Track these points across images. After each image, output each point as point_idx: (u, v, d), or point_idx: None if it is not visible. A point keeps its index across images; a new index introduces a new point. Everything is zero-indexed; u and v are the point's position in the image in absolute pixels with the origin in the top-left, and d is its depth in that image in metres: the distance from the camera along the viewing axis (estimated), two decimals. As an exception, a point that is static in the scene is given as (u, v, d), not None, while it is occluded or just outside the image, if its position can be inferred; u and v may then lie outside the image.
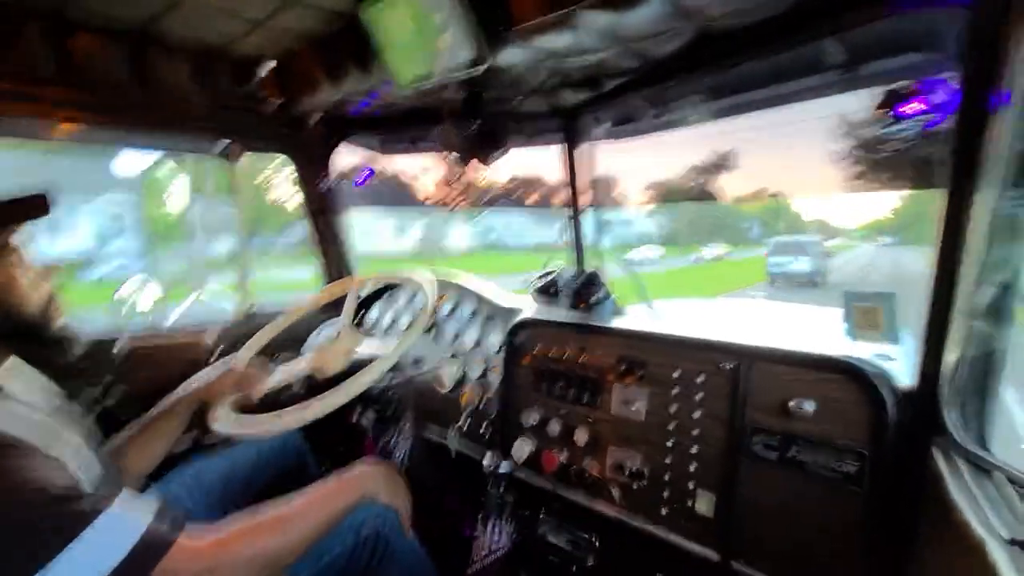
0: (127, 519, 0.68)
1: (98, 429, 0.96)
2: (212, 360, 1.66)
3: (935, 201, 0.76)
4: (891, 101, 0.89)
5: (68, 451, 0.76)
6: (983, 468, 0.72)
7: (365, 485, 0.96)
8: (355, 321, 1.40)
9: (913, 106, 0.87)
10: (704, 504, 1.01)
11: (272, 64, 1.48)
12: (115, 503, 0.69)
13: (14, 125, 1.35)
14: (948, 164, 0.74)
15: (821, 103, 1.15)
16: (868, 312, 0.97)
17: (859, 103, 1.03)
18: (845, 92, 1.07)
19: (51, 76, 1.29)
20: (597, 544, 1.24)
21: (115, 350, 1.49)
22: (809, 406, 0.89)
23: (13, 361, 0.83)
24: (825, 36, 0.95)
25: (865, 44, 0.95)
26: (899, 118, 0.89)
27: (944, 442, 0.77)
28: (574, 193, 1.59)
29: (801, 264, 13.74)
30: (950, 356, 0.77)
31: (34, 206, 0.82)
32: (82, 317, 0.94)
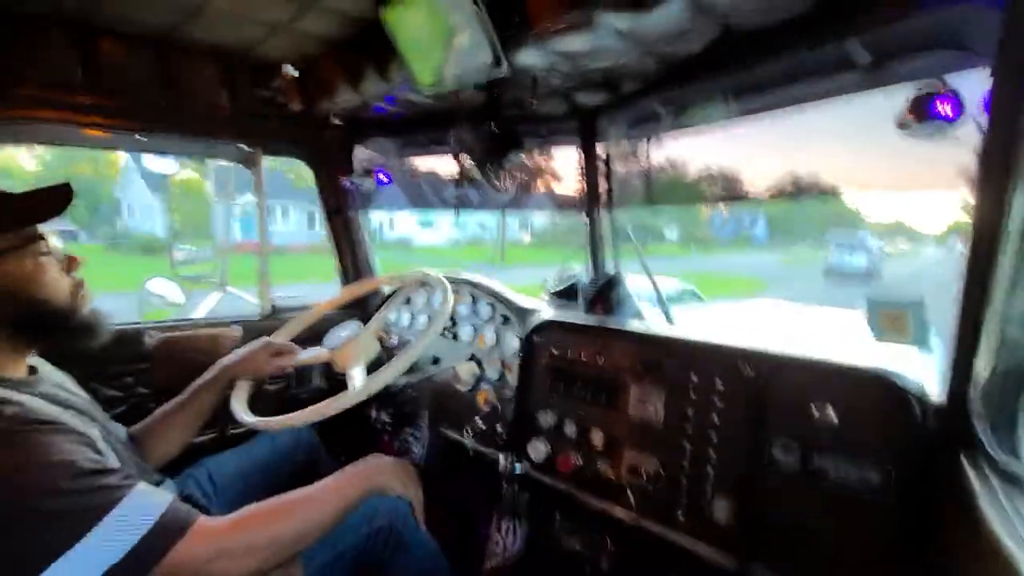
0: (149, 499, 0.71)
1: (119, 427, 0.99)
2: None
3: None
4: (919, 100, 0.87)
5: (96, 432, 0.79)
6: (1016, 481, 0.70)
7: (377, 476, 0.97)
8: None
9: (940, 106, 0.84)
10: (722, 510, 0.99)
11: (292, 68, 1.50)
12: (139, 483, 0.72)
13: (41, 130, 1.39)
14: (978, 163, 0.71)
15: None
16: (893, 318, 0.94)
17: (887, 101, 1.00)
18: (870, 90, 1.05)
19: (77, 82, 1.33)
20: (611, 547, 1.23)
21: (145, 340, 1.53)
22: (833, 414, 0.87)
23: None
24: (849, 35, 0.92)
25: (890, 42, 0.92)
26: (928, 117, 0.86)
27: (975, 453, 0.75)
28: (591, 195, 1.58)
29: (858, 259, 14.34)
30: (982, 364, 0.74)
31: (59, 197, 0.83)
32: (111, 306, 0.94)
